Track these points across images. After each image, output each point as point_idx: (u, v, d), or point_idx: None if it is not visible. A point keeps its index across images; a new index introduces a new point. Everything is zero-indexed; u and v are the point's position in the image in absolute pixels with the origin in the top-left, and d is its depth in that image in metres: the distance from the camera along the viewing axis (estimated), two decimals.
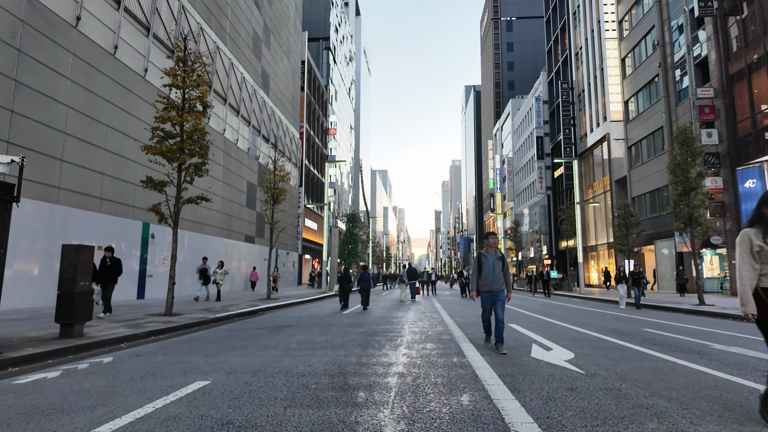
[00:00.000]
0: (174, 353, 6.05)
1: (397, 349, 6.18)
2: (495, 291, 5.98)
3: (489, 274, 5.97)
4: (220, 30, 22.94)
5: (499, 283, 5.99)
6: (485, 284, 6.01)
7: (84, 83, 13.65)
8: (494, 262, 6.02)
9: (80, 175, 13.50)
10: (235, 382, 4.29)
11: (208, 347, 6.53)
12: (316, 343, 6.71)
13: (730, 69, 21.18)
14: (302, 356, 5.65)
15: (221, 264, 16.35)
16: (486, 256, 6.10)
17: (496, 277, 5.96)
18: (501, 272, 6.01)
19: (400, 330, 8.39)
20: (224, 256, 23.47)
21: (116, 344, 7.06)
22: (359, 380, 4.30)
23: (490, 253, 6.13)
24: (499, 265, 6.02)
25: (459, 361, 5.20)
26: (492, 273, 5.97)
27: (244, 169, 25.94)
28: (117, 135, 15.05)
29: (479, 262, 6.13)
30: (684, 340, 7.06)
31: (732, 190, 21.00)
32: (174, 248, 11.11)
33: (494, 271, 5.97)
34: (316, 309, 14.05)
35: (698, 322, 10.18)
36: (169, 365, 5.21)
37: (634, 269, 14.85)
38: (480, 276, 6.08)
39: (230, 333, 8.16)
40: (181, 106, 11.26)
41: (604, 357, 5.47)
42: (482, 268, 6.05)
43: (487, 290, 6.01)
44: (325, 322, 9.94)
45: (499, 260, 6.07)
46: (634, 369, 4.76)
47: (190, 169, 11.33)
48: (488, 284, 5.99)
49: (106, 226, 14.58)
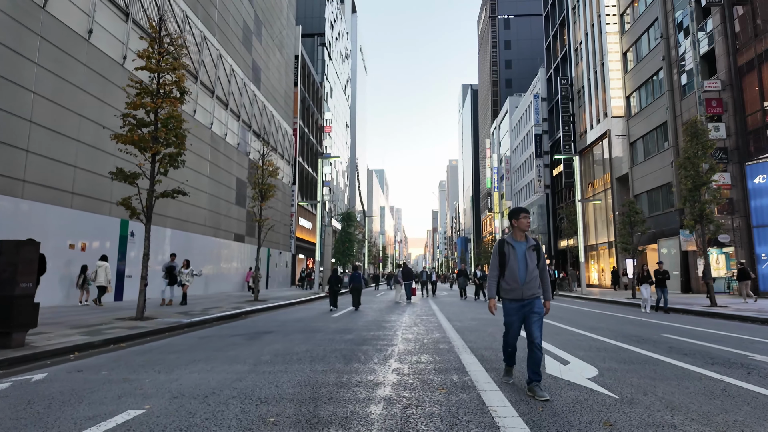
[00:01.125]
0: (123, 368, 5.11)
1: (387, 362, 5.25)
2: (528, 299, 3.92)
3: (518, 273, 3.91)
4: (207, 19, 21.95)
5: (534, 286, 3.92)
6: (511, 288, 3.96)
7: (54, 69, 12.65)
8: (526, 253, 3.96)
9: (49, 167, 12.51)
10: (175, 412, 3.36)
11: (166, 359, 5.60)
12: (293, 355, 5.77)
13: (739, 60, 20.35)
14: (272, 373, 4.72)
15: (187, 263, 14.11)
16: (512, 245, 4.01)
17: (530, 277, 3.91)
18: (536, 269, 3.95)
19: (392, 337, 7.46)
20: (212, 256, 22.48)
21: (63, 355, 6.10)
22: (334, 410, 3.37)
23: (519, 241, 4.04)
24: (533, 258, 3.96)
25: (460, 380, 4.27)
26: (523, 271, 3.92)
27: (233, 165, 24.95)
28: (92, 126, 14.05)
29: (501, 253, 4.05)
30: (717, 350, 6.16)
31: (740, 186, 20.18)
32: (146, 246, 10.14)
33: (526, 267, 3.93)
34: (304, 312, 13.11)
35: (718, 326, 9.30)
36: (107, 385, 4.28)
37: (658, 268, 13.44)
38: (503, 275, 4.03)
39: (200, 341, 7.22)
40: (155, 92, 10.32)
41: (634, 374, 4.55)
42: (506, 263, 4.00)
43: (515, 297, 3.94)
44: (310, 327, 9.00)
45: (532, 251, 3.98)
46: (679, 391, 3.85)
47: (164, 160, 10.38)
48: (516, 288, 3.92)
49: (79, 223, 13.59)
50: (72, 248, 13.35)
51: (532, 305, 3.94)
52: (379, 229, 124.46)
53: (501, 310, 10.04)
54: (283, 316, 11.53)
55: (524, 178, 56.53)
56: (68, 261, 13.25)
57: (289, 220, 36.26)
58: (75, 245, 13.47)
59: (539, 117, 49.35)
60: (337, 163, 59.55)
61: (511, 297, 3.97)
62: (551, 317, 11.00)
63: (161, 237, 17.76)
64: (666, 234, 25.24)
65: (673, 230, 24.32)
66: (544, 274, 4.06)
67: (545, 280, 4.05)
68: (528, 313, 3.93)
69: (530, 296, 3.95)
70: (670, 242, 25.06)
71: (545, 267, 4.07)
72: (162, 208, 17.59)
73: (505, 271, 4.01)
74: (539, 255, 4.02)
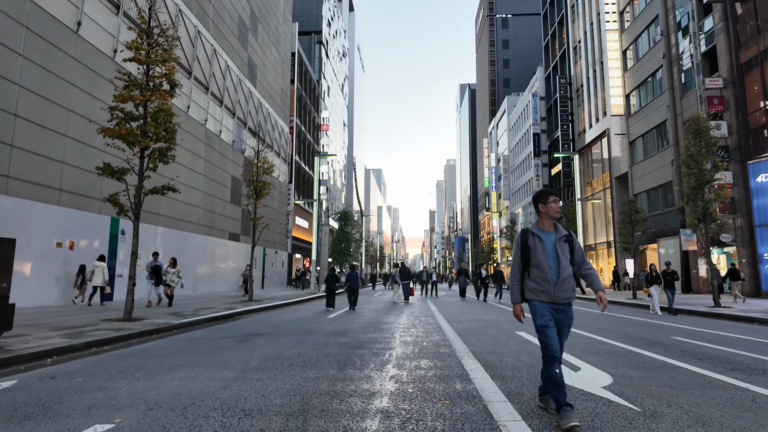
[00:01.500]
0: (100, 374, 4.75)
1: (384, 368, 4.90)
2: (561, 304, 3.15)
3: (549, 270, 3.13)
4: (201, 14, 21.53)
5: (568, 287, 3.14)
6: (541, 289, 3.15)
7: (40, 62, 12.24)
8: (556, 245, 3.18)
9: (35, 163, 12.09)
10: (147, 427, 3.00)
11: (148, 364, 5.23)
12: (284, 360, 5.41)
13: (741, 58, 20.09)
14: (260, 380, 4.36)
15: (173, 262, 13.38)
16: (539, 236, 3.23)
17: (563, 276, 3.11)
18: (570, 266, 3.19)
19: (389, 340, 7.11)
20: (207, 255, 22.08)
21: (40, 360, 5.73)
22: (325, 425, 3.01)
23: (547, 230, 3.27)
24: (565, 251, 3.19)
25: (464, 389, 3.92)
26: (554, 267, 3.14)
27: (228, 162, 24.54)
28: (81, 121, 13.63)
29: (524, 246, 3.27)
30: (732, 354, 5.84)
31: (742, 185, 19.92)
32: (135, 244, 9.77)
33: (558, 263, 3.14)
34: (299, 312, 12.75)
35: (725, 328, 9.00)
36: (78, 394, 3.91)
37: (666, 268, 12.97)
38: (528, 272, 3.24)
39: (187, 344, 6.85)
40: (144, 84, 9.94)
41: (651, 381, 4.22)
42: (532, 258, 3.21)
43: (546, 300, 3.15)
44: (304, 329, 8.64)
45: (564, 242, 3.22)
46: (705, 402, 3.51)
47: (153, 155, 10.00)
48: (548, 289, 3.13)
49: (68, 220, 13.18)
50: (59, 247, 12.94)
51: (565, 313, 3.14)
52: (376, 228, 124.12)
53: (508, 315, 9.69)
54: (277, 317, 11.16)
55: (522, 178, 56.29)
56: (56, 260, 12.84)
57: (285, 219, 35.85)
58: (63, 244, 13.06)
59: (538, 116, 49.10)
60: (334, 162, 59.16)
61: (542, 299, 3.17)
62: None
63: (153, 235, 17.35)
64: (666, 234, 24.99)
65: (672, 230, 24.06)
66: (587, 267, 3.29)
67: (591, 275, 3.26)
68: (559, 322, 3.14)
69: (564, 300, 3.13)
70: (670, 242, 24.80)
71: (585, 259, 3.32)
72: (154, 206, 17.19)
73: (531, 269, 3.22)
74: (573, 247, 3.25)
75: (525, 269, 3.27)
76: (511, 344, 6.49)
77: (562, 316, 3.16)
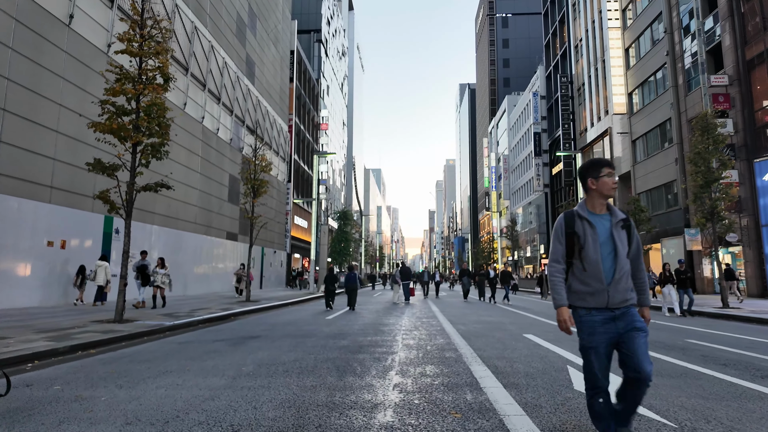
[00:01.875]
0: (80, 381, 4.39)
1: (387, 375, 4.55)
2: (619, 308, 2.42)
3: (602, 265, 2.43)
4: (198, 10, 21.17)
5: (627, 287, 2.44)
6: (590, 290, 2.45)
7: (30, 55, 11.87)
8: (613, 233, 2.46)
9: (24, 159, 11.72)
10: None
11: (133, 370, 4.88)
12: (280, 365, 5.06)
13: (747, 54, 19.77)
14: (252, 389, 4.01)
15: (161, 262, 12.59)
16: (588, 220, 2.49)
17: (620, 273, 2.42)
18: (628, 261, 2.47)
19: (391, 343, 6.76)
20: (204, 255, 21.71)
21: (19, 365, 5.37)
22: None
23: (599, 213, 2.52)
24: (623, 240, 2.46)
25: (475, 400, 3.57)
26: (610, 262, 2.43)
27: (225, 161, 24.17)
28: (73, 116, 13.26)
29: (570, 233, 2.52)
30: (757, 359, 5.49)
31: (748, 183, 19.60)
32: (126, 243, 9.42)
33: (615, 256, 2.43)
34: (297, 313, 12.39)
35: (740, 330, 8.66)
36: (52, 405, 3.56)
37: (679, 267, 12.34)
38: (572, 268, 2.52)
39: (179, 347, 6.50)
40: (136, 77, 9.58)
41: (680, 391, 3.87)
42: (583, 249, 2.47)
43: (599, 305, 2.43)
44: (301, 331, 8.29)
45: (621, 229, 2.49)
46: (745, 417, 3.16)
47: (146, 151, 9.64)
48: (599, 290, 2.42)
49: (59, 219, 12.81)
50: (50, 246, 12.57)
51: (627, 317, 2.39)
52: (376, 228, 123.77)
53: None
54: (274, 318, 10.81)
55: (522, 177, 55.96)
56: (47, 260, 12.47)
57: (284, 218, 35.49)
58: (54, 243, 12.69)
59: (538, 115, 48.79)
60: (333, 162, 58.81)
61: (591, 305, 2.42)
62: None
63: (148, 234, 16.99)
64: (669, 233, 24.66)
65: (676, 229, 23.74)
66: (640, 265, 2.53)
67: (641, 275, 2.53)
68: (625, 330, 2.37)
69: (622, 303, 2.40)
70: (673, 242, 24.47)
71: (641, 256, 2.53)
72: (149, 204, 16.82)
73: (577, 263, 2.47)
74: (631, 237, 2.48)
75: (577, 258, 2.47)
76: (520, 348, 6.14)
77: (625, 321, 2.39)
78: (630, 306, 2.43)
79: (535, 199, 51.03)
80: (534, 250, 52.97)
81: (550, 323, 9.60)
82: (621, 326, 2.40)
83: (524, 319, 10.63)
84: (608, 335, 2.40)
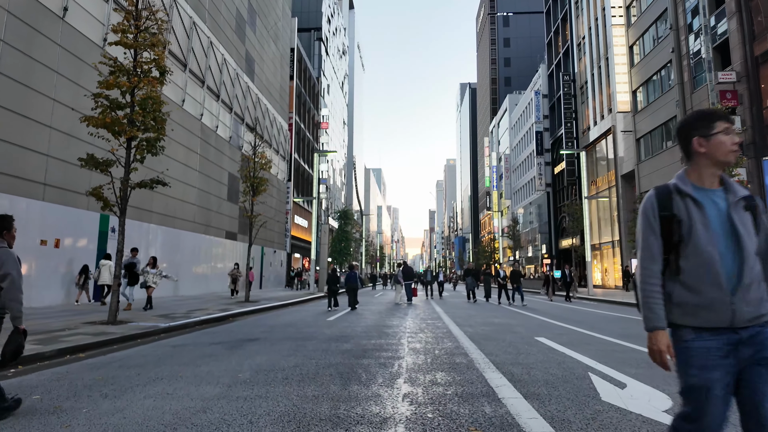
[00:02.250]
0: (63, 389, 4.06)
1: (394, 383, 4.20)
2: (750, 326, 1.57)
3: (720, 262, 1.57)
4: (197, 5, 20.81)
5: (757, 295, 1.57)
6: (700, 302, 1.59)
7: (22, 48, 11.52)
8: (732, 215, 1.60)
9: (15, 155, 11.37)
10: None
11: (121, 377, 4.54)
12: (279, 371, 4.72)
13: (756, 50, 19.41)
14: (248, 399, 3.67)
15: (153, 261, 11.95)
16: (694, 198, 1.66)
17: (749, 272, 1.55)
18: (755, 256, 1.58)
19: (396, 347, 6.41)
20: (203, 254, 21.37)
21: (1, 371, 5.04)
22: None
23: (709, 188, 1.69)
24: (747, 225, 1.60)
25: (495, 413, 3.22)
26: (731, 257, 1.57)
27: (224, 159, 23.83)
28: (68, 112, 12.89)
29: (668, 217, 1.68)
30: None
31: (757, 182, 19.23)
32: (120, 241, 9.09)
33: (739, 248, 1.57)
34: (297, 314, 12.05)
35: None
36: (27, 418, 3.22)
37: None
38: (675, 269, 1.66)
39: (173, 350, 6.16)
40: (131, 70, 9.24)
41: None
42: (689, 240, 1.62)
43: (715, 325, 1.58)
44: (301, 333, 7.94)
45: (742, 209, 1.61)
46: None
47: (141, 146, 9.30)
48: (716, 300, 1.57)
49: (53, 216, 12.46)
50: (44, 245, 12.22)
51: (758, 342, 1.57)
52: (376, 228, 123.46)
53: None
54: (273, 320, 10.46)
55: (524, 177, 55.60)
56: (40, 259, 12.12)
57: (284, 217, 35.14)
58: (47, 242, 12.34)
59: (540, 114, 48.42)
60: (333, 161, 58.46)
61: (704, 323, 1.60)
62: (566, 320, 9.97)
63: (145, 233, 16.64)
64: None
65: None
66: None
67: None
68: (752, 362, 1.56)
69: (754, 321, 1.57)
70: None
71: None
72: (146, 202, 16.48)
73: (682, 260, 1.65)
74: (757, 221, 1.64)
75: (667, 263, 1.68)
76: (534, 353, 5.79)
77: (752, 349, 1.56)
78: (764, 325, 1.59)
79: (536, 198, 50.67)
80: (535, 250, 52.63)
81: (561, 325, 9.25)
82: (746, 355, 1.56)
83: (532, 320, 10.28)
84: (730, 369, 1.57)
